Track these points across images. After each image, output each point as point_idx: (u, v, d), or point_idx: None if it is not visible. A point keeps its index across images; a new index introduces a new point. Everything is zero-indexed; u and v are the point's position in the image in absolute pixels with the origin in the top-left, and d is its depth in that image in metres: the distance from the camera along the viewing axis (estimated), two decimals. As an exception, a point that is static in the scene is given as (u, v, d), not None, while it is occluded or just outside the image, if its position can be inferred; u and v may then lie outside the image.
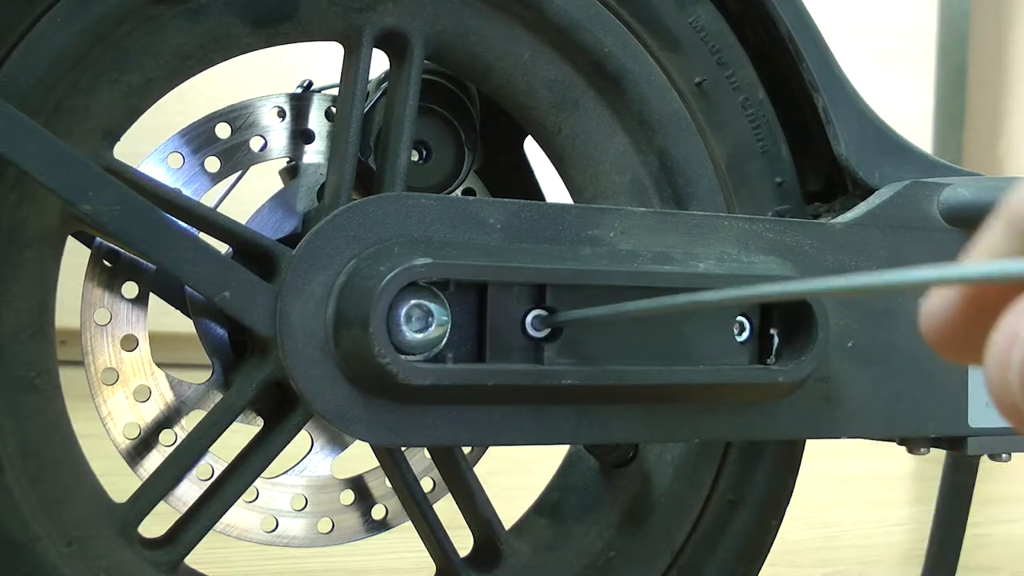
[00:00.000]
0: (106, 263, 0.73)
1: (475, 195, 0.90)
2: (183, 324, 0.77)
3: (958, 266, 0.35)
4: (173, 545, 0.69)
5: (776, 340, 0.71)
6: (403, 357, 0.60)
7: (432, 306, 0.61)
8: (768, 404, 0.73)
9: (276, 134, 0.79)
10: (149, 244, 0.63)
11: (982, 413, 0.83)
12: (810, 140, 0.82)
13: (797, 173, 0.82)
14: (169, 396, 0.75)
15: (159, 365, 0.75)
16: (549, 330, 0.64)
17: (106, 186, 0.62)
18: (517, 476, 1.15)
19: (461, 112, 0.83)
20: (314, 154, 0.80)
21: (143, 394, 0.74)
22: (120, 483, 0.71)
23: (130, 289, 0.73)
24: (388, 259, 0.61)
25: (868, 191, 0.80)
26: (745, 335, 0.70)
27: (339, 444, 0.84)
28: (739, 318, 0.70)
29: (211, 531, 0.71)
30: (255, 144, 0.78)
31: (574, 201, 0.83)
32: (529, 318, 0.64)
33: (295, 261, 0.63)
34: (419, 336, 0.61)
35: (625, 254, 0.68)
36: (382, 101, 0.77)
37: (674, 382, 0.67)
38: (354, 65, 0.72)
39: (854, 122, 0.81)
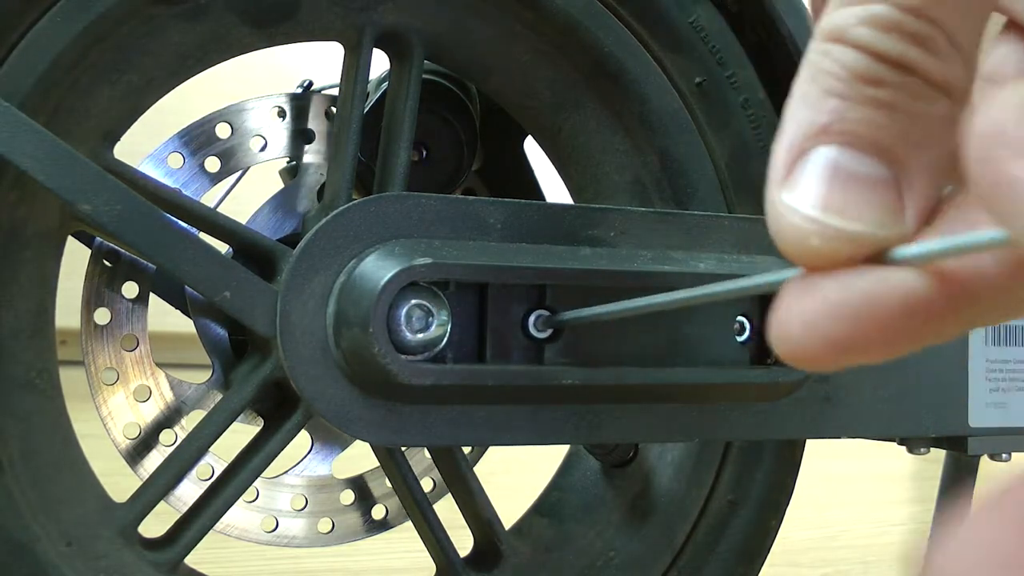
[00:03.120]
0: (106, 263, 0.73)
1: (475, 195, 0.90)
2: (183, 324, 0.77)
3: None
4: (173, 545, 0.69)
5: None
6: (403, 357, 0.60)
7: (432, 306, 0.61)
8: (768, 404, 0.73)
9: (276, 134, 0.79)
10: (149, 244, 0.63)
11: (982, 413, 0.83)
12: (810, 140, 0.82)
13: (797, 173, 0.82)
14: (169, 396, 0.75)
15: (159, 365, 0.75)
16: (552, 331, 0.64)
17: (106, 186, 0.62)
18: (517, 476, 1.15)
19: (461, 112, 0.83)
20: (314, 154, 0.80)
21: (143, 394, 0.74)
22: (120, 483, 0.71)
23: (130, 289, 0.73)
24: (388, 259, 0.61)
25: (868, 191, 0.80)
26: (745, 335, 0.70)
27: (339, 444, 0.84)
28: (739, 318, 0.70)
29: (211, 531, 0.71)
30: (255, 144, 0.78)
31: (574, 201, 0.83)
32: (532, 318, 0.64)
33: (295, 261, 0.63)
34: (419, 336, 0.61)
35: (625, 254, 0.68)
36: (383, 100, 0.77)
37: (674, 382, 0.67)
38: (354, 65, 0.72)
39: (854, 122, 0.81)
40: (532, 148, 0.88)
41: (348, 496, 0.83)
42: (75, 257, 0.73)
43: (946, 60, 0.24)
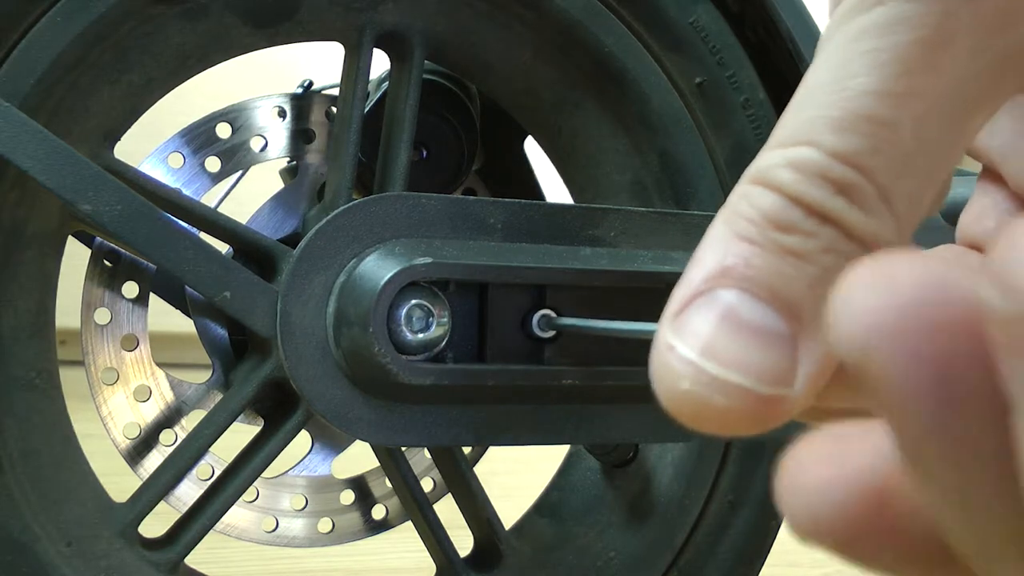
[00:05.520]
0: (106, 263, 0.73)
1: (475, 195, 0.90)
2: (183, 324, 0.77)
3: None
4: (173, 545, 0.69)
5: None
6: (403, 357, 0.60)
7: (432, 306, 0.61)
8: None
9: (276, 134, 0.79)
10: (149, 244, 0.63)
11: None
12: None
13: (797, 173, 0.82)
14: (169, 396, 0.75)
15: (159, 365, 0.75)
16: (555, 332, 0.64)
17: (106, 186, 0.62)
18: (517, 476, 1.15)
19: (461, 112, 0.83)
20: (314, 154, 0.80)
21: (143, 394, 0.74)
22: (120, 483, 0.71)
23: (130, 289, 0.73)
24: (389, 258, 0.61)
25: (868, 191, 0.80)
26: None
27: (339, 444, 0.84)
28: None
29: (211, 531, 0.71)
30: (255, 144, 0.78)
31: (575, 201, 0.83)
32: (534, 318, 0.64)
33: (296, 261, 0.63)
34: (419, 336, 0.61)
35: (625, 254, 0.68)
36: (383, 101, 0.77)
37: (674, 382, 0.67)
38: (355, 65, 0.72)
39: (854, 122, 0.81)
40: (532, 148, 0.88)
41: (348, 496, 0.83)
42: (75, 257, 0.73)
43: (872, 215, 0.22)
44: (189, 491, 0.73)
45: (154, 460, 0.73)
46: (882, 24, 0.22)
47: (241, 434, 0.73)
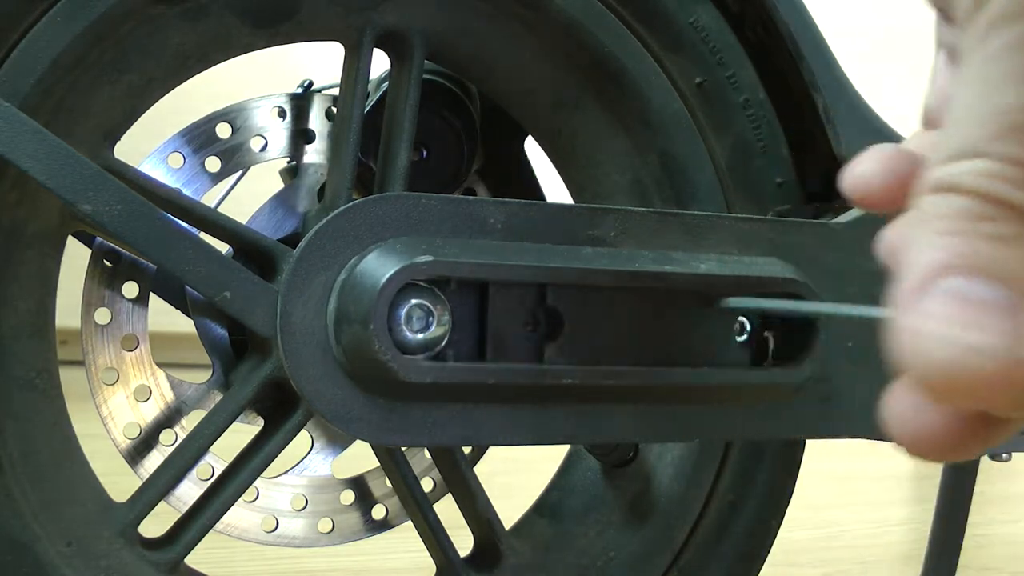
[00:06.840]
0: (106, 263, 0.73)
1: (475, 195, 0.90)
2: (183, 324, 0.77)
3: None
4: (173, 545, 0.69)
5: (771, 342, 0.71)
6: (404, 355, 0.60)
7: (433, 306, 0.61)
8: (768, 404, 0.73)
9: (276, 134, 0.79)
10: (149, 244, 0.63)
11: (982, 413, 0.82)
12: (810, 140, 0.82)
13: (797, 173, 0.82)
14: (169, 396, 0.75)
15: (159, 365, 0.75)
16: (551, 329, 0.64)
17: (106, 186, 0.62)
18: (517, 476, 1.15)
19: (461, 112, 0.83)
20: (314, 154, 0.80)
21: (143, 394, 0.74)
22: (120, 483, 0.71)
23: (130, 289, 0.73)
24: (390, 256, 0.61)
25: (868, 191, 0.80)
26: (745, 336, 0.70)
27: (339, 444, 0.84)
28: (739, 318, 0.70)
29: (211, 531, 0.71)
30: (255, 144, 0.78)
31: (575, 201, 0.83)
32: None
33: (296, 261, 0.63)
34: (420, 336, 0.61)
35: (626, 254, 0.68)
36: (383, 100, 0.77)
37: (674, 382, 0.67)
38: (355, 65, 0.72)
39: (854, 122, 0.81)
40: (532, 148, 0.88)
41: (348, 496, 0.83)
42: (75, 257, 0.73)
43: None
44: (189, 491, 0.73)
45: (154, 460, 0.73)
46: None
47: (241, 434, 0.73)
